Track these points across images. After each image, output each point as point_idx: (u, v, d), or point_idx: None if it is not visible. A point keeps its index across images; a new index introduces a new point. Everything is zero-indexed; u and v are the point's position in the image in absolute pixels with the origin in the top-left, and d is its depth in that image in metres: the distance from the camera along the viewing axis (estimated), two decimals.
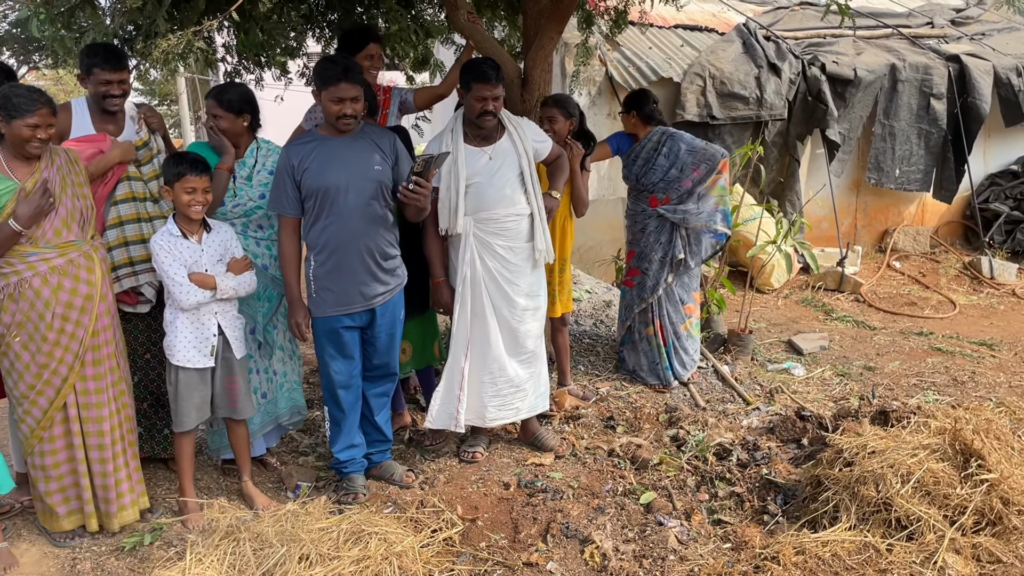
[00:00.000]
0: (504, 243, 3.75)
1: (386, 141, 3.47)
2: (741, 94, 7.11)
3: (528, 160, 3.76)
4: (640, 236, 4.80)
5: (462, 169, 3.66)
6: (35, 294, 3.03)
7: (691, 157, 4.61)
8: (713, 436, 4.07)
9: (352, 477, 3.65)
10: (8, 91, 2.98)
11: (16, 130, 2.95)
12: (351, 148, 3.37)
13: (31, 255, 3.02)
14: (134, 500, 3.35)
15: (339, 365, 3.52)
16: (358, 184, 3.34)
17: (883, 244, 8.15)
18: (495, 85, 3.59)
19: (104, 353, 3.20)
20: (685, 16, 8.25)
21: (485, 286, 3.75)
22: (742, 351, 5.44)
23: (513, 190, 3.74)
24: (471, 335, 3.79)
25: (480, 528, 3.37)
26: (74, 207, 3.12)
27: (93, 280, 3.13)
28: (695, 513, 3.48)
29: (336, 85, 3.24)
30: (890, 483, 3.15)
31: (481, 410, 3.86)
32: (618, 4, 5.61)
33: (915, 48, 8.10)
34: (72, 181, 3.14)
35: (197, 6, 4.04)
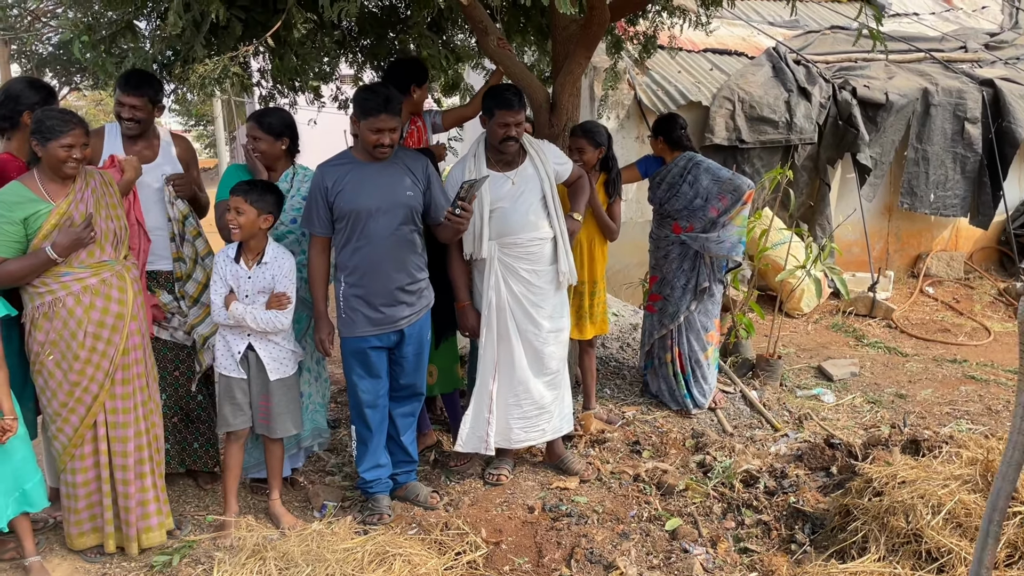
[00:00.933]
0: (528, 267, 3.79)
1: (419, 165, 3.53)
2: (771, 118, 7.09)
3: (550, 184, 3.81)
4: (663, 262, 4.79)
5: (486, 194, 3.70)
6: (68, 313, 3.08)
7: (716, 187, 4.58)
8: (740, 463, 4.03)
9: (378, 497, 3.68)
10: (42, 115, 3.06)
11: (52, 152, 3.01)
12: (384, 173, 3.43)
13: (65, 275, 3.08)
14: (161, 522, 3.37)
15: (366, 384, 3.55)
16: (390, 209, 3.39)
17: (916, 269, 8.05)
18: (517, 112, 3.65)
19: (134, 372, 3.25)
20: (715, 40, 8.26)
21: (510, 310, 3.79)
22: (771, 376, 5.40)
23: (536, 214, 3.78)
24: (498, 358, 3.82)
25: (504, 551, 3.36)
26: (107, 228, 3.18)
27: (124, 299, 3.19)
28: (721, 541, 3.45)
29: (376, 116, 3.30)
30: (920, 514, 3.10)
31: (507, 432, 3.89)
32: (647, 29, 5.65)
33: (948, 72, 8.03)
34: (106, 203, 3.21)
35: (233, 32, 4.14)
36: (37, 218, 3.02)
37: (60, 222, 3.05)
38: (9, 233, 3.00)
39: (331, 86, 5.81)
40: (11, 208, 3.00)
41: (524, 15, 5.27)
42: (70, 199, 3.08)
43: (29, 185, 3.07)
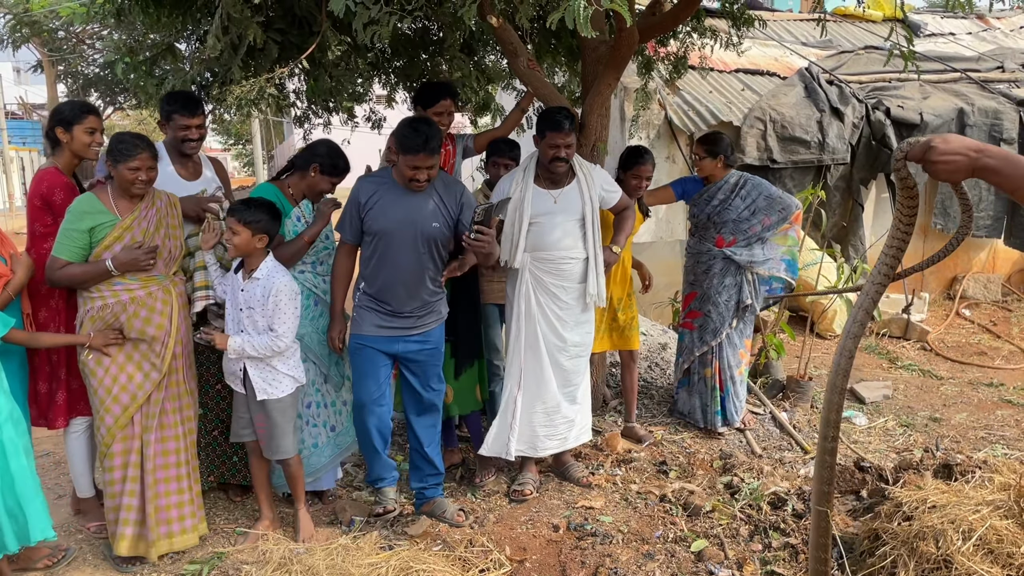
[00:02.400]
0: (557, 282, 3.90)
1: (452, 194, 3.60)
2: (803, 138, 7.06)
3: (592, 208, 3.89)
4: (704, 278, 4.78)
5: (527, 208, 3.84)
6: (113, 318, 3.27)
7: (766, 203, 4.63)
8: (768, 484, 4.00)
9: (384, 491, 3.78)
10: (115, 138, 3.27)
11: (121, 173, 3.23)
12: (415, 200, 3.51)
13: (116, 284, 3.29)
14: (195, 524, 3.46)
15: (364, 384, 3.62)
16: (414, 236, 3.50)
17: (952, 291, 7.93)
18: (568, 134, 3.77)
19: (174, 380, 3.41)
20: (747, 60, 8.26)
21: (538, 321, 3.91)
22: (801, 398, 5.34)
23: (572, 235, 3.89)
24: (524, 367, 3.92)
25: (528, 570, 3.37)
26: (164, 246, 3.37)
27: (167, 313, 3.35)
28: (747, 563, 3.42)
29: (415, 155, 3.38)
30: (951, 540, 3.05)
31: (533, 440, 3.99)
32: (678, 50, 5.68)
33: (984, 92, 7.94)
34: (168, 223, 3.41)
35: (270, 54, 4.24)
36: (102, 229, 3.25)
37: (122, 235, 3.26)
38: (75, 239, 3.23)
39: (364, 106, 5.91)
40: (80, 217, 3.23)
41: (554, 37, 5.33)
42: (134, 216, 3.30)
43: (102, 198, 3.29)
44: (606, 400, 5.19)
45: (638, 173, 4.43)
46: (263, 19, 3.98)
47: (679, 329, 5.02)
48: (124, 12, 4.20)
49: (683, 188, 4.90)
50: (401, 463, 4.49)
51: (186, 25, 4.49)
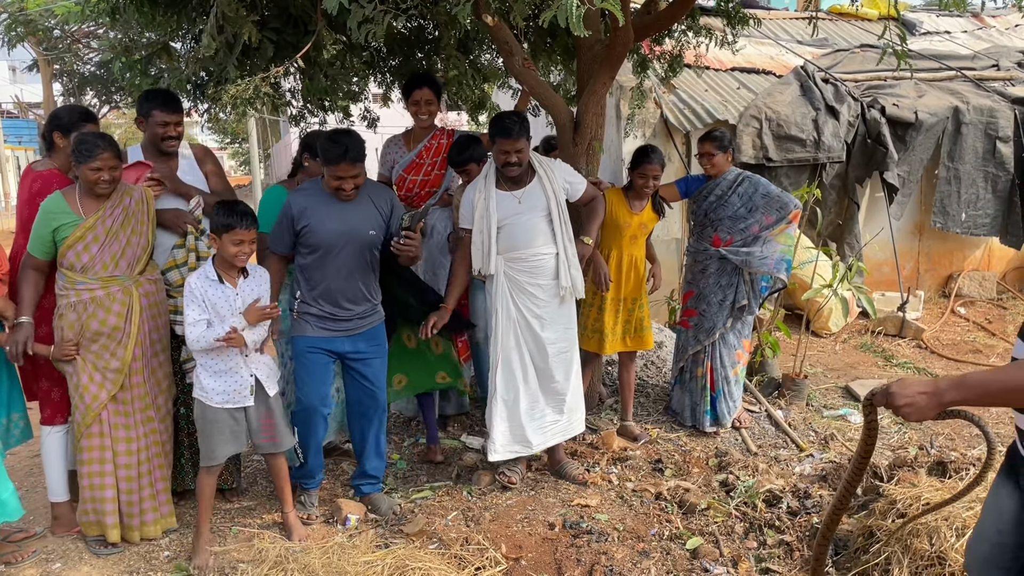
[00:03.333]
0: (532, 280, 3.94)
1: (383, 200, 3.74)
2: (798, 136, 7.07)
3: (556, 202, 3.93)
4: (700, 277, 4.78)
5: (493, 213, 3.88)
6: (77, 317, 3.34)
7: (764, 201, 4.63)
8: (763, 482, 4.01)
9: (310, 492, 3.87)
10: (78, 138, 3.28)
11: (83, 173, 3.26)
12: (349, 210, 3.61)
13: (80, 283, 3.34)
14: (156, 519, 3.55)
15: (315, 386, 3.70)
16: (351, 244, 3.61)
17: (947, 289, 7.94)
18: (516, 140, 3.81)
19: (137, 380, 3.45)
20: (742, 59, 8.27)
21: (517, 322, 3.95)
22: (797, 396, 5.35)
23: (541, 231, 3.94)
24: (506, 368, 3.96)
25: (524, 568, 3.37)
26: (128, 244, 3.39)
27: (124, 314, 3.38)
28: (742, 561, 3.43)
29: (337, 165, 3.48)
30: (944, 536, 3.07)
31: (523, 437, 4.01)
32: (673, 48, 5.68)
33: (979, 91, 7.95)
34: (136, 220, 3.41)
35: (265, 53, 4.25)
36: (65, 229, 3.29)
37: (84, 235, 3.30)
38: (41, 238, 3.31)
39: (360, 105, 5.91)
40: (46, 217, 3.29)
41: (550, 36, 5.34)
42: (97, 216, 3.32)
43: (69, 199, 3.33)
44: (602, 398, 5.20)
45: (644, 172, 4.46)
46: (258, 18, 3.97)
47: (676, 327, 5.02)
48: (119, 11, 4.20)
49: (687, 185, 4.89)
50: (397, 461, 4.51)
51: (181, 24, 4.48)
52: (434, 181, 4.66)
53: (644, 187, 4.49)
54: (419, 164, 4.65)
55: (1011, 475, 2.11)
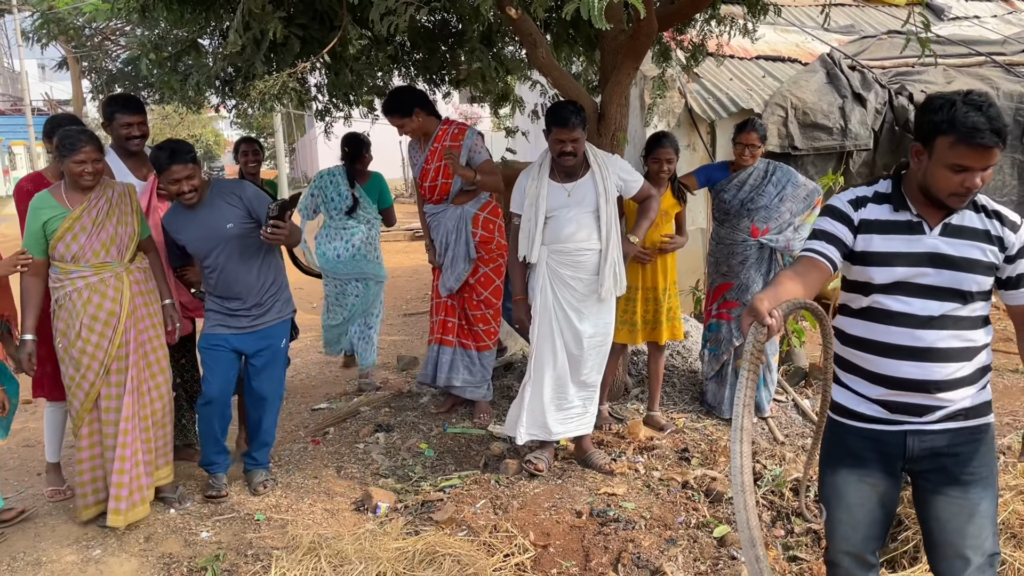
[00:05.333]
0: (572, 273, 3.97)
1: (233, 194, 3.88)
2: (824, 124, 7.01)
3: (607, 199, 3.93)
4: (740, 268, 4.75)
5: (542, 203, 3.92)
6: (72, 305, 3.50)
7: (793, 190, 4.64)
8: (790, 471, 4.01)
9: (218, 476, 4.03)
10: (61, 133, 3.47)
11: (68, 166, 3.44)
12: (203, 215, 3.79)
13: (73, 272, 3.50)
14: (143, 498, 3.65)
15: (211, 378, 3.91)
16: (218, 244, 3.79)
17: None
18: (572, 129, 3.81)
19: (126, 364, 3.58)
20: (767, 47, 8.21)
21: (554, 312, 3.98)
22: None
23: (587, 227, 3.95)
24: (539, 355, 4.02)
25: (551, 555, 3.41)
26: (116, 233, 3.56)
27: (118, 299, 3.54)
28: (770, 548, 3.44)
29: (169, 168, 3.64)
30: None
31: (545, 424, 4.08)
32: (695, 37, 5.67)
33: (1009, 76, 7.83)
34: (120, 211, 3.59)
35: (291, 49, 4.29)
36: (54, 221, 3.46)
37: (72, 226, 3.47)
38: (33, 234, 3.48)
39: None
40: (35, 213, 3.47)
41: (572, 27, 5.34)
42: (83, 207, 3.50)
43: (55, 194, 3.52)
44: (628, 388, 5.22)
45: (658, 157, 4.49)
46: (284, 15, 4.02)
47: (712, 321, 4.96)
48: (148, 9, 4.27)
49: (707, 175, 4.88)
50: (425, 450, 4.56)
51: (209, 21, 4.54)
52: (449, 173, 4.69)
53: (659, 172, 4.49)
54: (427, 169, 4.75)
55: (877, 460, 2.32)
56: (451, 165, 4.48)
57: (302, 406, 5.55)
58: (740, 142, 4.63)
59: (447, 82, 5.75)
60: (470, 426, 4.84)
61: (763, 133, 4.65)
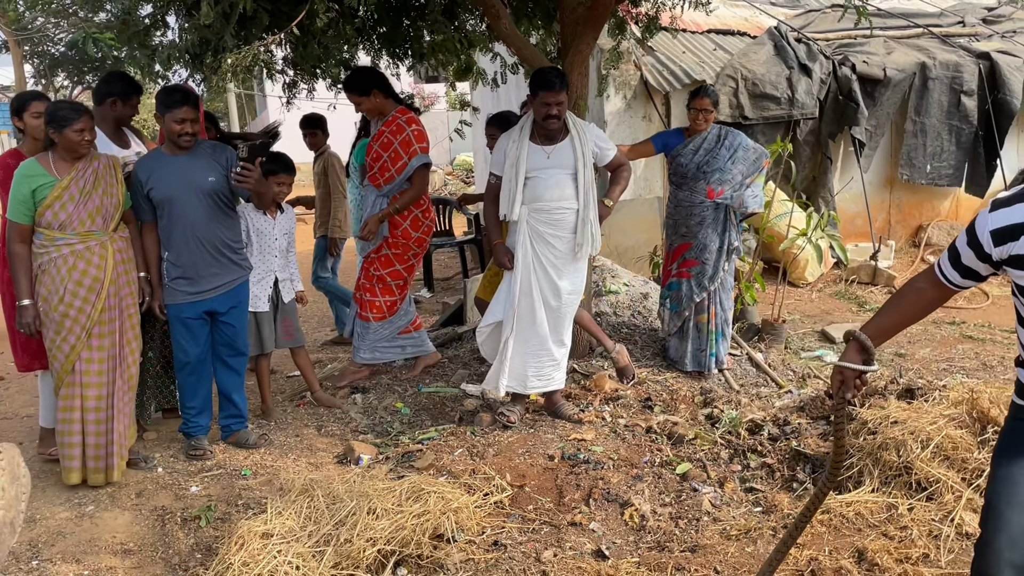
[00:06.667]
0: (552, 231, 4.19)
1: (221, 154, 4.03)
2: (773, 94, 7.33)
3: (584, 163, 4.18)
4: (698, 228, 5.01)
5: (523, 163, 4.14)
6: (56, 271, 3.61)
7: (743, 153, 4.94)
8: (745, 413, 4.30)
9: (199, 438, 4.18)
10: (54, 107, 3.61)
11: (68, 136, 3.55)
12: (188, 163, 3.91)
13: (59, 239, 3.60)
14: (120, 462, 3.80)
15: (185, 347, 4.04)
16: (195, 193, 3.90)
17: (917, 239, 8.28)
18: (558, 92, 4.05)
19: (107, 330, 3.71)
20: (718, 21, 8.49)
21: (534, 269, 4.19)
22: (776, 340, 5.65)
23: (565, 187, 4.18)
24: (518, 310, 4.22)
25: (527, 493, 3.65)
26: (102, 203, 3.68)
27: (104, 266, 3.67)
28: (728, 481, 3.73)
29: (179, 108, 3.79)
30: (911, 449, 3.38)
31: (523, 379, 4.31)
32: (649, 10, 5.89)
33: (945, 47, 8.24)
34: (106, 182, 3.71)
35: (261, 22, 4.41)
36: (43, 190, 3.58)
37: (60, 194, 3.57)
38: (21, 201, 3.57)
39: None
40: (23, 181, 3.58)
41: (532, 1, 5.52)
42: (71, 176, 3.61)
43: (43, 163, 3.62)
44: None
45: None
46: None
47: (673, 280, 5.19)
48: None
49: (664, 141, 5.13)
50: (401, 409, 4.76)
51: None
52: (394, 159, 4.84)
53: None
54: (371, 146, 4.94)
55: None
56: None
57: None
58: (694, 107, 4.89)
59: (410, 55, 5.89)
60: (443, 385, 5.06)
61: (715, 99, 4.93)
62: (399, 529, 3.00)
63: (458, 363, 5.45)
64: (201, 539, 3.39)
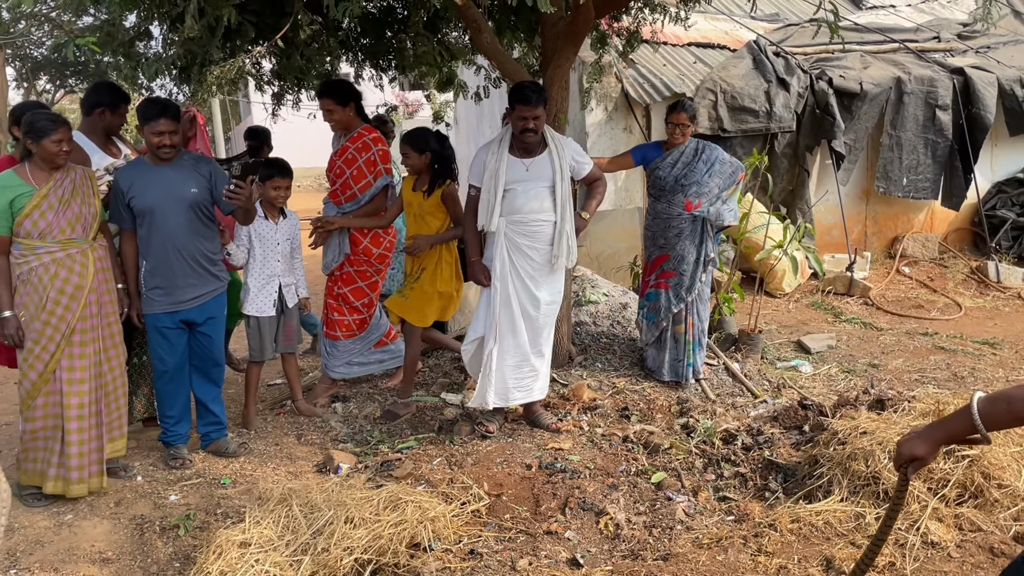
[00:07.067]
0: (529, 243, 4.25)
1: (203, 167, 4.09)
2: (751, 108, 7.44)
3: (561, 176, 4.24)
4: (676, 240, 5.09)
5: (501, 175, 4.19)
6: (38, 280, 3.64)
7: (720, 166, 5.03)
8: (720, 423, 4.38)
9: (178, 447, 4.21)
10: (32, 117, 3.62)
11: (45, 147, 3.59)
12: (170, 174, 3.97)
13: (39, 248, 3.64)
14: (100, 472, 3.80)
15: (162, 356, 4.08)
16: (177, 204, 3.95)
17: (893, 251, 8.41)
18: (535, 106, 4.11)
19: (89, 337, 3.74)
20: (698, 34, 8.61)
21: (511, 279, 4.25)
22: (752, 350, 5.74)
23: (542, 200, 4.24)
24: (499, 322, 4.27)
25: (505, 502, 3.70)
26: (81, 212, 3.72)
27: (85, 273, 3.71)
28: (702, 490, 3.80)
29: (157, 121, 3.85)
30: (878, 458, 3.45)
31: (505, 391, 4.35)
32: (630, 25, 5.98)
33: (921, 62, 8.39)
34: (83, 192, 3.75)
35: (246, 35, 4.46)
36: (20, 200, 3.61)
37: (39, 203, 3.60)
38: (1, 211, 3.58)
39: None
40: (2, 190, 3.59)
41: (514, 14, 5.59)
42: (49, 186, 3.65)
43: (20, 174, 3.66)
44: (572, 356, 5.53)
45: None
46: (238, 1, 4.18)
47: (651, 290, 5.27)
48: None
49: (643, 154, 5.21)
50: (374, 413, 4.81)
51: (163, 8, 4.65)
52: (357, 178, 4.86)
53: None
54: (333, 161, 4.96)
55: None
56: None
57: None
58: (671, 121, 4.98)
59: (393, 67, 5.95)
60: (423, 394, 5.10)
61: (692, 112, 5.02)
62: (376, 538, 3.05)
63: (439, 372, 5.50)
64: (180, 548, 3.42)
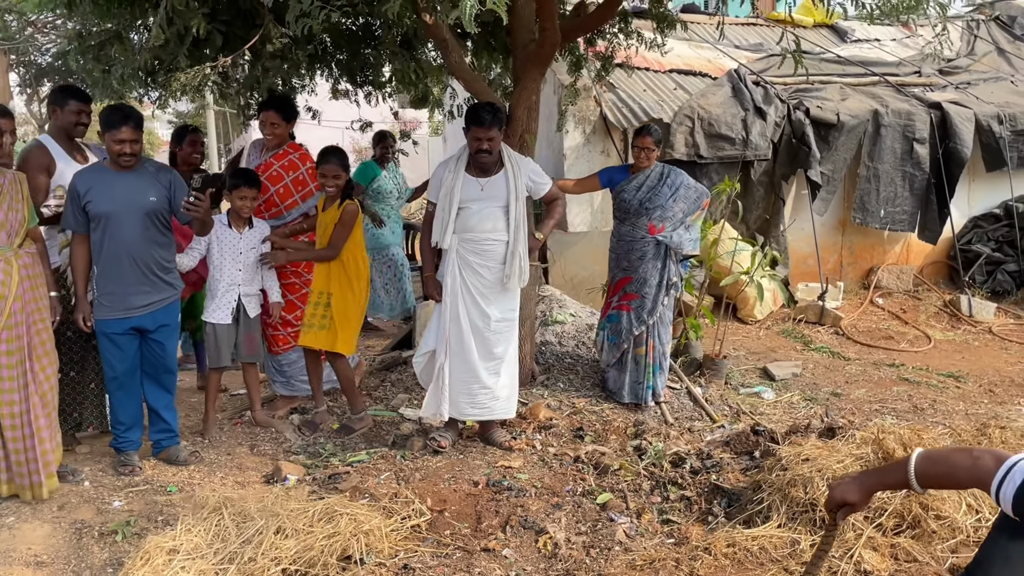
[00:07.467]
0: (480, 261, 4.28)
1: (164, 176, 4.09)
2: (728, 135, 7.49)
3: (516, 196, 4.26)
4: (639, 263, 5.12)
5: (456, 194, 4.23)
6: None
7: (685, 191, 5.06)
8: (671, 446, 4.38)
9: (129, 454, 4.19)
10: None
11: None
12: (130, 180, 3.95)
13: None
14: (48, 477, 3.77)
15: (113, 362, 4.06)
16: (133, 212, 3.93)
17: (867, 281, 8.44)
18: (488, 128, 4.14)
19: (16, 346, 3.65)
20: (680, 61, 8.69)
21: (462, 295, 4.28)
22: (716, 375, 5.75)
23: (496, 220, 4.27)
24: (449, 337, 4.31)
25: (446, 518, 3.70)
26: (6, 218, 3.65)
27: (7, 282, 3.61)
28: (646, 512, 3.79)
29: (119, 129, 3.82)
30: (817, 486, 3.46)
31: (458, 406, 4.39)
32: (606, 49, 6.05)
33: (899, 95, 8.46)
34: (11, 197, 3.68)
35: (214, 44, 4.51)
36: None
37: None
38: None
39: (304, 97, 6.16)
40: None
41: (492, 36, 5.66)
42: None
43: None
44: (534, 375, 5.54)
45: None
46: (208, 11, 4.23)
47: (612, 312, 5.27)
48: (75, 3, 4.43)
49: (609, 177, 5.26)
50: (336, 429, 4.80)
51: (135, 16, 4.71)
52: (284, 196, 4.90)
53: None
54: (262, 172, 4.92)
55: None
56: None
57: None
58: (637, 145, 5.03)
59: (368, 83, 6.01)
60: (382, 409, 5.10)
61: (658, 138, 5.07)
62: (307, 549, 3.04)
63: (400, 387, 5.50)
64: (115, 554, 3.40)
